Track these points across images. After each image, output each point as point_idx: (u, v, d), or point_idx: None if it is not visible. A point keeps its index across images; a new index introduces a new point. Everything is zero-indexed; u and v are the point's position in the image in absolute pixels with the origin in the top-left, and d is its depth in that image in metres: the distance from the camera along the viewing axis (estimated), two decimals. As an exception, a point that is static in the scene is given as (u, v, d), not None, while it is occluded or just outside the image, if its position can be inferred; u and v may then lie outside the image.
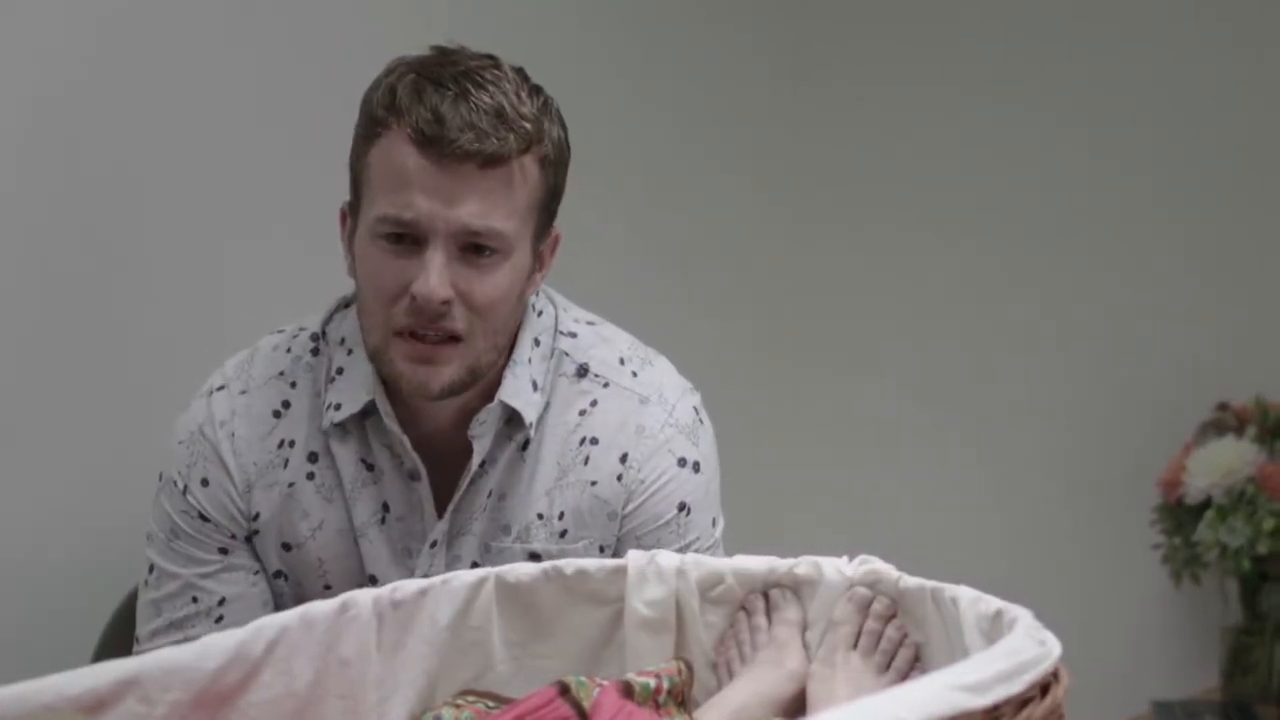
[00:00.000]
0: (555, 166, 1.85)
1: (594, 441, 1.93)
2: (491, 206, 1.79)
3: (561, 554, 1.90)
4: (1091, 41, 3.02)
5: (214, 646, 1.51)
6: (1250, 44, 2.93)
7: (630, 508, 1.93)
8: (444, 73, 1.80)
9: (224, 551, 1.92)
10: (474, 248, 1.80)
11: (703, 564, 1.73)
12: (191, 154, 2.43)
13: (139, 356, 2.40)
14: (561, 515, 1.93)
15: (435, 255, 1.79)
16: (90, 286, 2.35)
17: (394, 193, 1.79)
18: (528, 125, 1.80)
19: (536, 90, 1.84)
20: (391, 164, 1.79)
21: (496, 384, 1.89)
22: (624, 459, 1.93)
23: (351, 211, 1.86)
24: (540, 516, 1.92)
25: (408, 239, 1.80)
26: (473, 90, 1.78)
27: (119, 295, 2.38)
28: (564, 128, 1.87)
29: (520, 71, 1.85)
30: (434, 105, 1.77)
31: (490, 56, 1.85)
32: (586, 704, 1.53)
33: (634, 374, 1.97)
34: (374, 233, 1.81)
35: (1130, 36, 3.00)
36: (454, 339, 1.82)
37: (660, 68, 3.04)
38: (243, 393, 1.94)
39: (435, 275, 1.79)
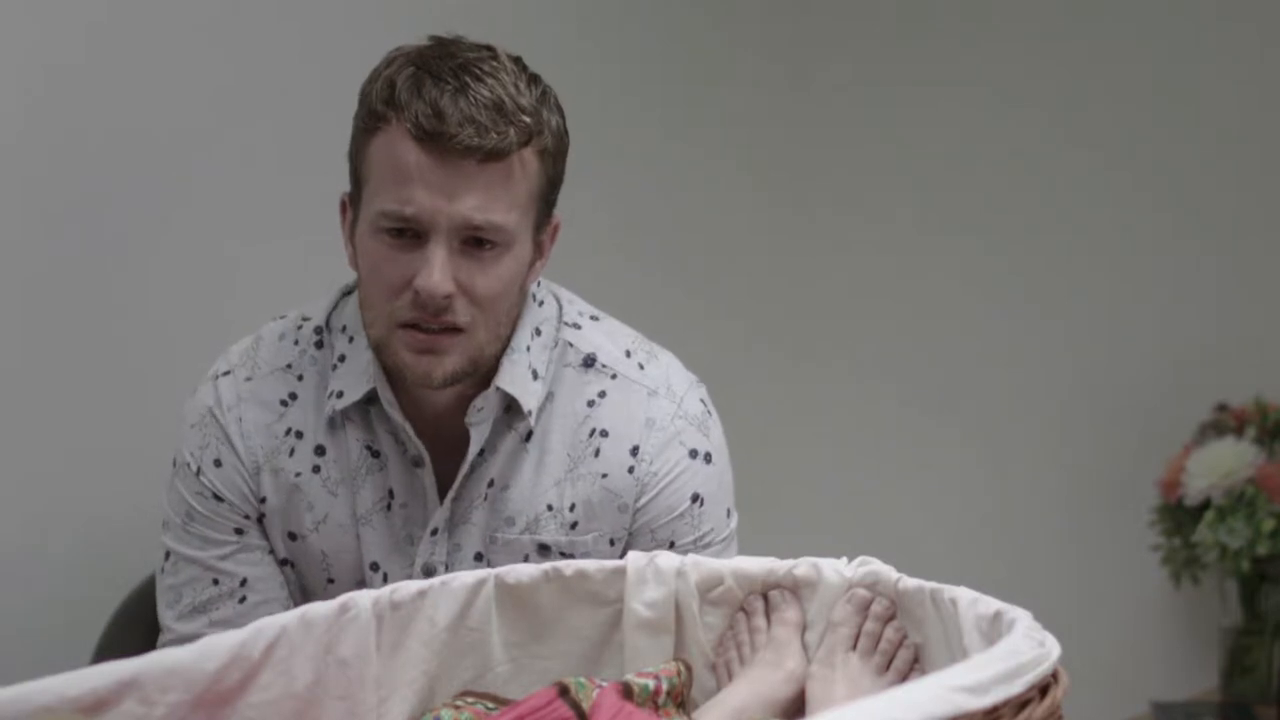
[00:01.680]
0: (554, 156, 1.85)
1: (604, 434, 1.93)
2: (492, 200, 1.80)
3: (571, 546, 1.91)
4: (1092, 42, 3.02)
5: (213, 648, 1.51)
6: (1250, 44, 2.93)
7: (643, 501, 1.94)
8: (443, 65, 1.80)
9: (239, 532, 1.93)
10: (475, 241, 1.81)
11: (702, 565, 1.73)
12: (191, 143, 2.43)
13: (141, 347, 2.40)
14: (572, 507, 1.93)
15: (437, 250, 1.79)
16: (92, 277, 2.35)
17: (395, 187, 1.79)
18: (527, 119, 1.80)
19: (535, 80, 1.84)
20: (392, 158, 1.79)
21: (496, 372, 1.89)
22: (635, 451, 1.93)
23: (352, 203, 1.87)
24: (550, 508, 1.93)
25: (409, 233, 1.80)
26: (471, 83, 1.79)
27: (122, 285, 2.38)
28: (563, 116, 1.87)
29: (518, 61, 1.85)
30: (433, 99, 1.78)
31: (488, 47, 1.85)
32: (586, 705, 1.53)
33: (640, 366, 1.97)
34: (375, 226, 1.82)
35: (1130, 37, 3.00)
36: (456, 329, 1.83)
37: (658, 67, 3.04)
38: (248, 379, 1.94)
39: (438, 270, 1.79)
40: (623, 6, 2.99)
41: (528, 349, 1.91)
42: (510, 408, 1.91)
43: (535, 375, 1.91)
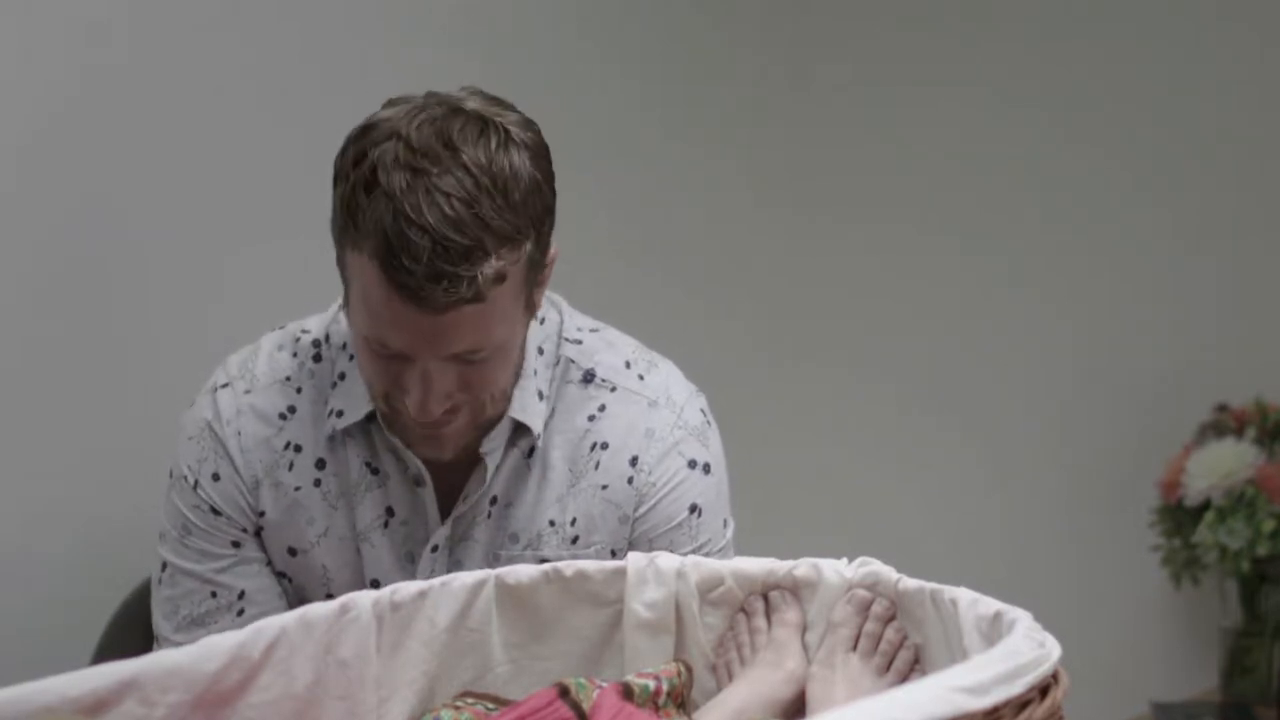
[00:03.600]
0: (535, 245, 1.75)
1: (604, 446, 1.93)
2: (477, 333, 1.73)
3: (573, 559, 1.90)
4: (1092, 42, 3.02)
5: (214, 648, 1.51)
6: (1250, 44, 2.93)
7: (642, 510, 1.93)
8: (406, 196, 1.66)
9: (236, 545, 1.92)
10: (465, 357, 1.76)
11: (702, 566, 1.73)
12: (190, 153, 2.43)
13: (140, 348, 2.40)
14: (573, 521, 1.92)
15: (425, 375, 1.74)
16: (91, 277, 2.35)
17: (374, 321, 1.73)
18: (498, 262, 1.69)
19: (505, 149, 1.71)
20: (368, 291, 1.72)
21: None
22: (634, 462, 1.93)
23: (340, 266, 1.80)
24: (552, 523, 1.92)
25: (395, 351, 1.75)
26: (433, 223, 1.65)
27: (120, 285, 2.38)
28: (539, 162, 1.75)
29: (484, 135, 1.71)
30: (400, 247, 1.65)
31: (450, 144, 1.69)
32: (586, 706, 1.53)
33: (640, 377, 1.96)
34: (361, 337, 1.77)
35: (1130, 37, 3.00)
36: (461, 412, 1.81)
37: (658, 67, 3.04)
38: (247, 392, 1.93)
39: (430, 399, 1.75)
40: (623, 6, 2.98)
41: (534, 373, 1.91)
42: (517, 428, 1.91)
43: (541, 395, 1.91)
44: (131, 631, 2.16)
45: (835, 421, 3.23)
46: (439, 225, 1.66)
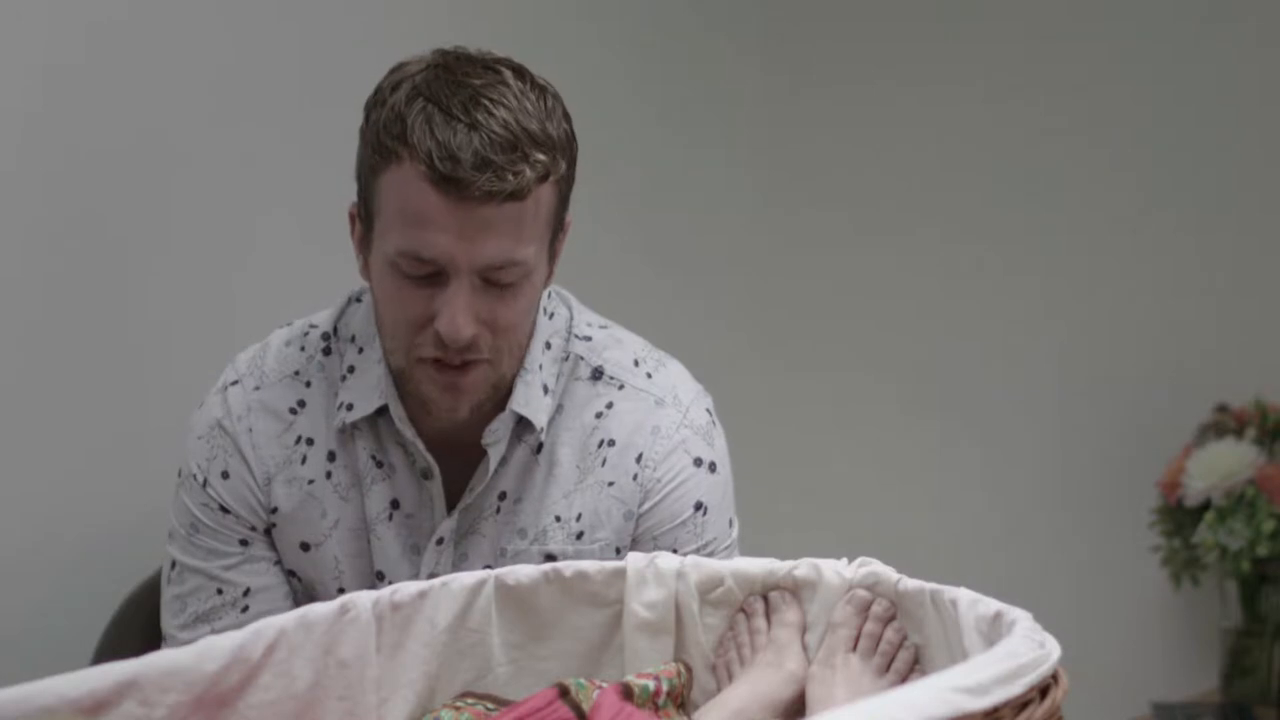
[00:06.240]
0: (567, 172, 1.83)
1: (611, 443, 1.94)
2: (513, 240, 1.78)
3: (578, 555, 1.90)
4: (1091, 42, 3.02)
5: (213, 648, 1.51)
6: (1250, 45, 2.93)
7: (646, 507, 1.94)
8: (452, 98, 1.76)
9: (244, 543, 1.93)
10: (496, 275, 1.80)
11: (702, 566, 1.74)
12: (191, 153, 2.43)
13: (143, 350, 2.39)
14: (579, 517, 1.93)
15: (459, 292, 1.77)
16: (92, 278, 2.35)
17: (412, 229, 1.77)
18: (542, 156, 1.77)
19: (541, 92, 1.81)
20: (407, 199, 1.76)
21: (510, 389, 1.89)
22: (640, 459, 1.93)
23: (363, 221, 1.84)
24: (558, 519, 1.93)
25: (428, 270, 1.78)
26: (482, 120, 1.75)
27: (126, 285, 2.38)
28: (569, 120, 1.84)
29: (520, 72, 1.82)
30: (446, 140, 1.74)
31: (492, 67, 1.81)
32: (586, 706, 1.54)
33: (648, 375, 1.97)
34: (392, 263, 1.79)
35: (1130, 37, 3.00)
36: (480, 362, 1.82)
37: (658, 67, 3.04)
38: (257, 389, 1.94)
39: (461, 315, 1.78)
40: (623, 7, 2.99)
41: (540, 367, 1.91)
42: (521, 421, 1.91)
43: (546, 390, 1.92)
44: (131, 631, 2.17)
45: (835, 421, 3.23)
46: (486, 121, 1.75)
